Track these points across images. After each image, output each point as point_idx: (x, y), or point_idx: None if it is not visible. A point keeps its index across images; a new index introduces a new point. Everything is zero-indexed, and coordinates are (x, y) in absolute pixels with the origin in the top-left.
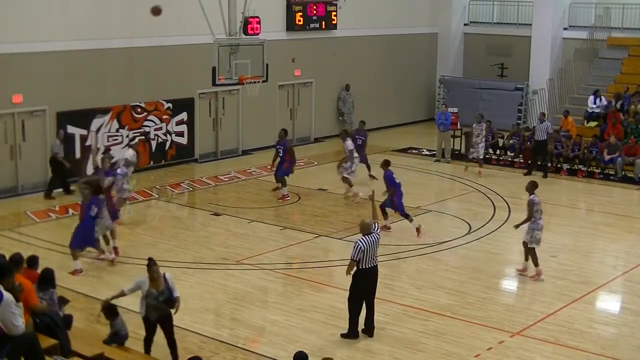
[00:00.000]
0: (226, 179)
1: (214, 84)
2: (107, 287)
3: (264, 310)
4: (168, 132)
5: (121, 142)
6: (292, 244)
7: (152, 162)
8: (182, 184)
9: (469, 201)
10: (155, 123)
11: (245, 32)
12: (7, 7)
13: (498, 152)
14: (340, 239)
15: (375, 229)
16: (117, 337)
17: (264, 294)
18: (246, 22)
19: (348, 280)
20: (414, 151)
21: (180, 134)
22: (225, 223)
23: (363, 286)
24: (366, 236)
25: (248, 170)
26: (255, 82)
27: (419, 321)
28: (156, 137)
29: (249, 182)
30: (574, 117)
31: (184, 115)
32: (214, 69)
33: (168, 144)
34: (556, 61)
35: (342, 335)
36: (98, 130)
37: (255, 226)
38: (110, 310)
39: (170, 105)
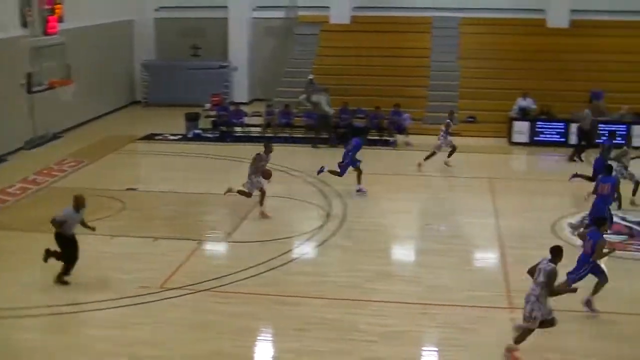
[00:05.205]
0: (19, 192)
1: (29, 91)
2: None
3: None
4: None
5: None
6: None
7: None
8: None
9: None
10: None
11: (44, 32)
12: None
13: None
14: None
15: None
16: None
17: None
18: (45, 21)
19: None
20: (158, 137)
21: None
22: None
23: None
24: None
25: (30, 179)
26: (67, 86)
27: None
28: None
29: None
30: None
31: None
32: (29, 75)
33: None
34: (251, 39)
35: None
36: None
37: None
38: None
39: None
